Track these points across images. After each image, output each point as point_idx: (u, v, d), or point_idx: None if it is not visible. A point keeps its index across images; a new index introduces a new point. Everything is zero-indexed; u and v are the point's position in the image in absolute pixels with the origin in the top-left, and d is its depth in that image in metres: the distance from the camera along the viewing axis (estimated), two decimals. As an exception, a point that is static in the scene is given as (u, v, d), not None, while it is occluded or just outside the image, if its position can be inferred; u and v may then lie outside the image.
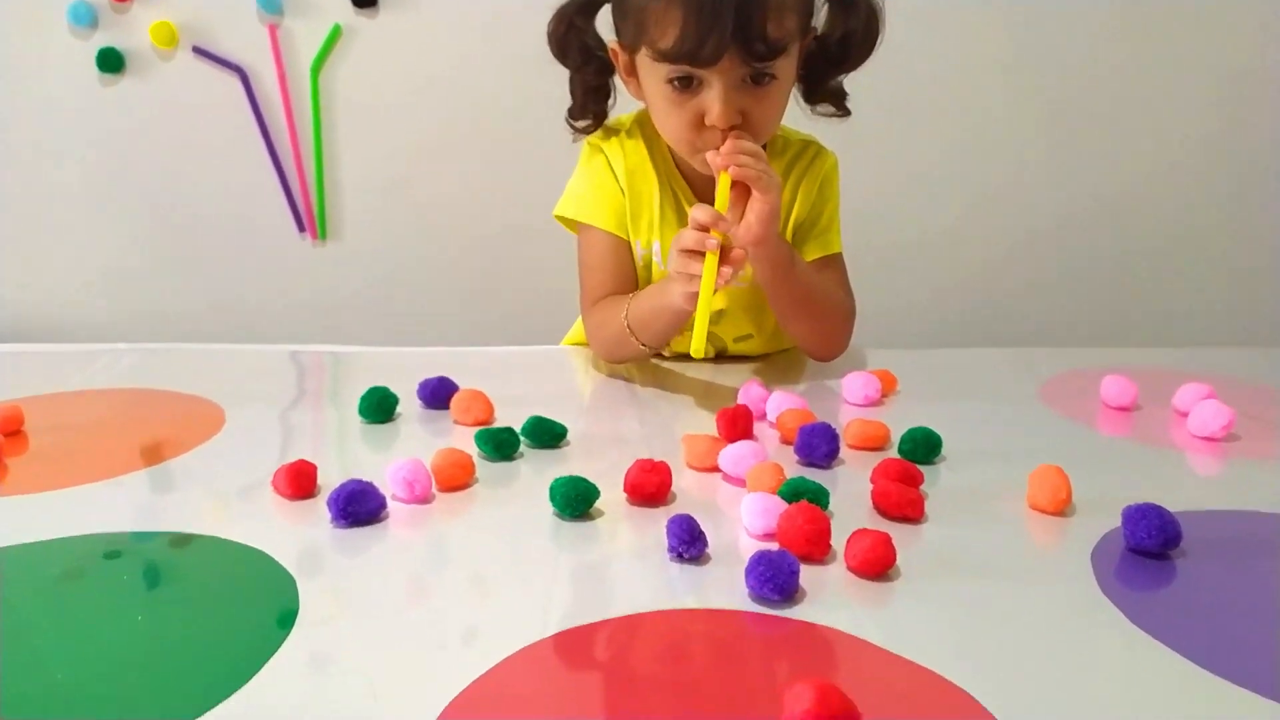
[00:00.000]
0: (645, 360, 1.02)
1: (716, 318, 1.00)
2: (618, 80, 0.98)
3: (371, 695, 0.45)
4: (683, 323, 0.91)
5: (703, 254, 0.82)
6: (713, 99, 0.85)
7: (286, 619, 0.51)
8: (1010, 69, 1.44)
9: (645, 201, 0.99)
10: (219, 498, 0.68)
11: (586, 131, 1.02)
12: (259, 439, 0.80)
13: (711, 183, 0.88)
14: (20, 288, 1.46)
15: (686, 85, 0.87)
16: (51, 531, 0.61)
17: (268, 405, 0.88)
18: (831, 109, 0.99)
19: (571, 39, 0.96)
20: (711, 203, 0.86)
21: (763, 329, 1.04)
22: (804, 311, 0.98)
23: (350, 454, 0.78)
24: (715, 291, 0.82)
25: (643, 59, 0.89)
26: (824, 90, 0.98)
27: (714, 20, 0.81)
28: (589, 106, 1.01)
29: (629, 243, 1.00)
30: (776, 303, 0.97)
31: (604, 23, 0.94)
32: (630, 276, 1.01)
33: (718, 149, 0.86)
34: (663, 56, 0.84)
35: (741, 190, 0.86)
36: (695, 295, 0.82)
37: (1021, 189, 1.49)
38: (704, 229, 0.83)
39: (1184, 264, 1.53)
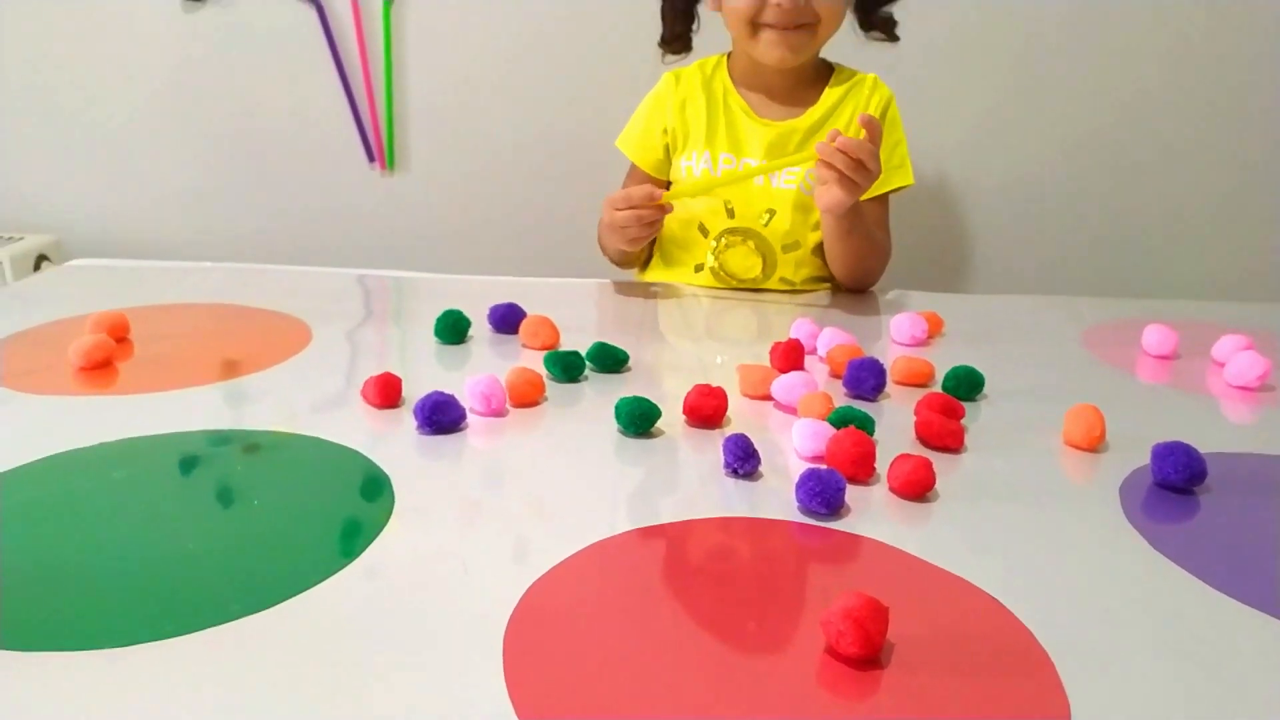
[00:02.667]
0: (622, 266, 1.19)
1: (766, 218, 1.10)
2: (700, 8, 1.15)
3: (463, 570, 0.51)
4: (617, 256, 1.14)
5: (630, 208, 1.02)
6: None
7: (387, 506, 0.57)
8: (1060, 20, 1.44)
9: (694, 122, 1.13)
10: (314, 403, 0.74)
11: (675, 52, 1.19)
12: (345, 354, 0.86)
13: (763, 88, 1.11)
14: (102, 205, 1.54)
15: None
16: (163, 427, 0.68)
17: (349, 324, 0.94)
18: (882, 36, 1.13)
19: None
20: (763, 108, 1.12)
21: (807, 241, 1.12)
22: (852, 255, 1.08)
23: (428, 371, 0.83)
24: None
25: None
26: (875, 18, 1.12)
27: None
28: (677, 28, 1.17)
29: (658, 181, 1.17)
30: (830, 244, 1.07)
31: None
32: None
33: (776, 24, 1.02)
34: None
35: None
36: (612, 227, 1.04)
37: (1073, 144, 1.50)
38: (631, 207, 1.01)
39: (1232, 218, 1.53)
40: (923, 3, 1.32)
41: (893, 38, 1.14)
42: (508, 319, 0.91)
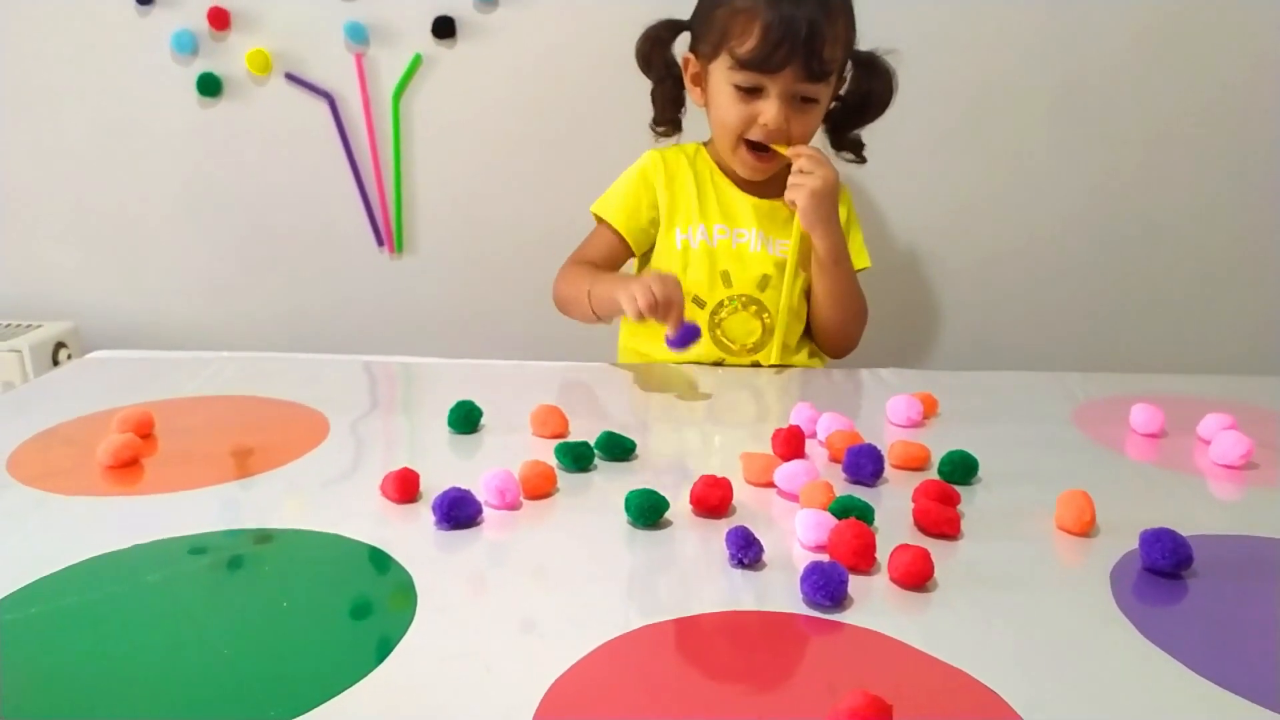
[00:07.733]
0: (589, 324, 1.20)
1: (764, 282, 1.16)
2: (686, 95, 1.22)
3: (486, 670, 0.54)
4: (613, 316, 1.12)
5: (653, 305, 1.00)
6: (769, 104, 1.07)
7: (411, 605, 0.60)
8: (1048, 97, 1.49)
9: (684, 197, 1.19)
10: (337, 499, 0.77)
11: (666, 135, 1.25)
12: (361, 446, 0.89)
13: (744, 179, 1.18)
14: (119, 292, 1.58)
15: (750, 93, 1.08)
16: (192, 527, 0.71)
17: (364, 413, 0.98)
18: (851, 156, 1.23)
19: (656, 55, 1.20)
20: (748, 191, 1.19)
21: (799, 308, 1.20)
22: (841, 299, 1.16)
23: (444, 462, 0.86)
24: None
25: (716, 65, 1.10)
26: (846, 140, 1.21)
27: (784, 36, 1.02)
28: (668, 114, 1.24)
29: (629, 247, 1.22)
30: (822, 281, 1.15)
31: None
32: (611, 267, 1.23)
33: (756, 147, 1.11)
34: (739, 63, 1.06)
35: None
36: (634, 305, 1.00)
37: (1060, 219, 1.55)
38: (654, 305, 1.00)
39: (1216, 292, 1.58)
40: (910, 80, 1.38)
41: (860, 159, 1.24)
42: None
